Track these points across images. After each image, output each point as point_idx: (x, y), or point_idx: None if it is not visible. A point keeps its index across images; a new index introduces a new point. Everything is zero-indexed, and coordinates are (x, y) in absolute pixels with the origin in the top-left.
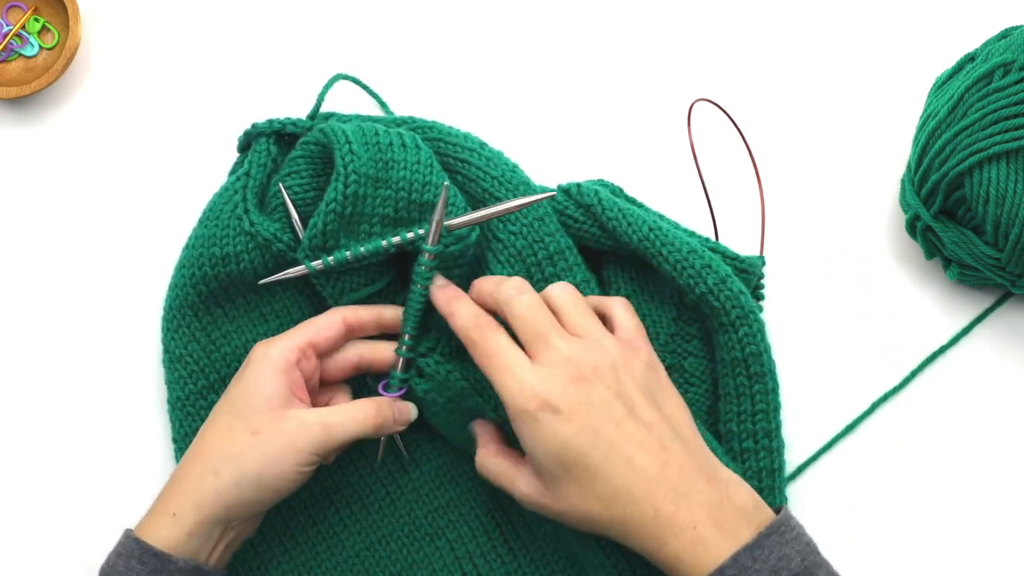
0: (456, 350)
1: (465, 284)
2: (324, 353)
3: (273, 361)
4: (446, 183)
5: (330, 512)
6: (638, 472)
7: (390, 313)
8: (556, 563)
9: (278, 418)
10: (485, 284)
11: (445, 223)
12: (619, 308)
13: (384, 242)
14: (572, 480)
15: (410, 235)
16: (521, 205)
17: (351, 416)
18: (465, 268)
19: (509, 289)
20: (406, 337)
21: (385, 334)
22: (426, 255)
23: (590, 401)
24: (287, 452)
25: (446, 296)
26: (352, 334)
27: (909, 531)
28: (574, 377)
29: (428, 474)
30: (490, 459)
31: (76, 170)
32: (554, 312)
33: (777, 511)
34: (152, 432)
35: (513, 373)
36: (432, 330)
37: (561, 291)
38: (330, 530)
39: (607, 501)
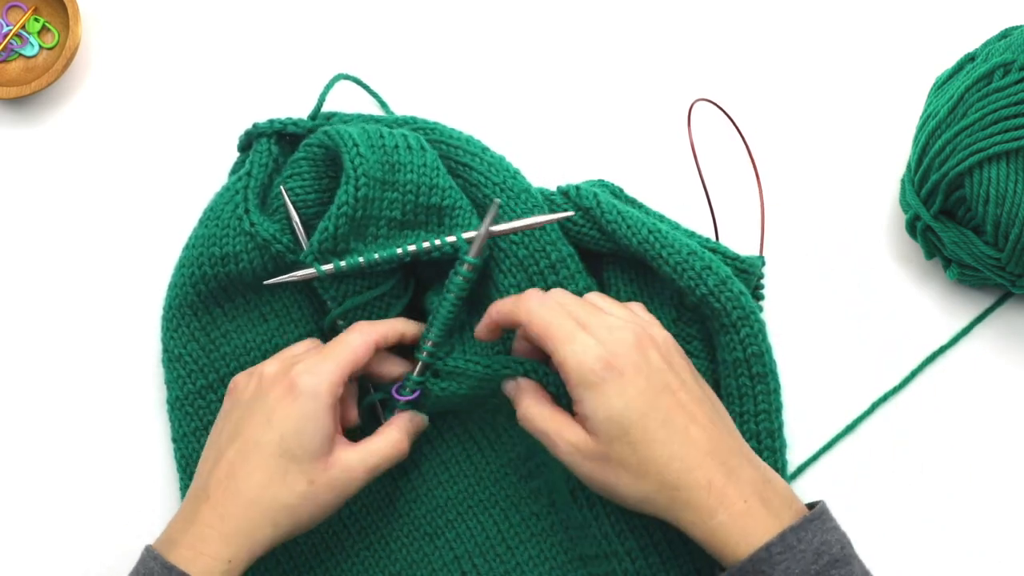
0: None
1: (471, 291)
2: (355, 377)
3: (324, 400)
4: (496, 200)
5: None
6: (693, 442)
7: (412, 331)
8: (555, 559)
9: (329, 466)
10: (503, 303)
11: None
12: (640, 310)
13: (399, 250)
14: (628, 443)
15: (426, 245)
16: (549, 220)
17: (386, 454)
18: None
19: (522, 305)
20: (429, 343)
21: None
22: (465, 266)
23: (649, 364)
24: (338, 501)
25: (486, 315)
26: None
27: (909, 531)
28: (631, 342)
29: (427, 474)
30: (538, 407)
31: (76, 170)
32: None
33: (811, 506)
34: (152, 432)
35: (574, 339)
36: (451, 340)
37: (591, 293)
38: (329, 530)
39: (664, 465)
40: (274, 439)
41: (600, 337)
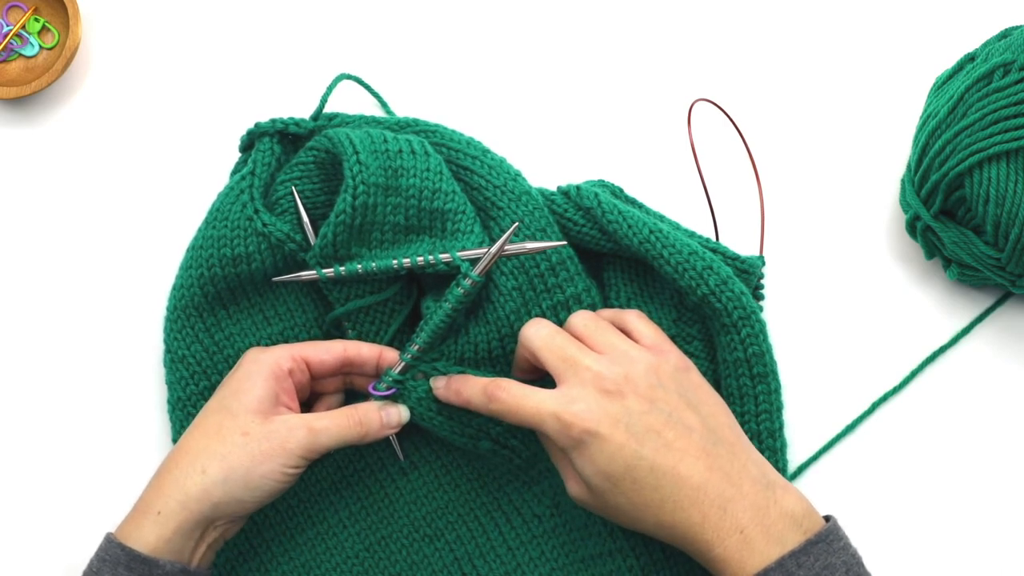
0: (460, 363)
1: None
2: (316, 374)
3: (265, 366)
4: (516, 223)
5: (329, 513)
6: (683, 479)
7: (391, 355)
8: (556, 560)
9: (267, 421)
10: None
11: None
12: (635, 319)
13: (395, 262)
14: (620, 492)
15: (420, 260)
16: (554, 246)
17: (336, 422)
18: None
19: (526, 329)
20: (415, 347)
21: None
22: (468, 281)
23: (628, 413)
24: (276, 453)
25: (451, 390)
26: (349, 367)
27: (909, 531)
28: (608, 392)
29: (427, 476)
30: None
31: (76, 170)
32: (577, 339)
33: (827, 519)
34: (152, 432)
35: (547, 410)
36: (440, 346)
37: (580, 318)
38: (330, 531)
39: (655, 509)
40: (216, 400)
41: (572, 391)
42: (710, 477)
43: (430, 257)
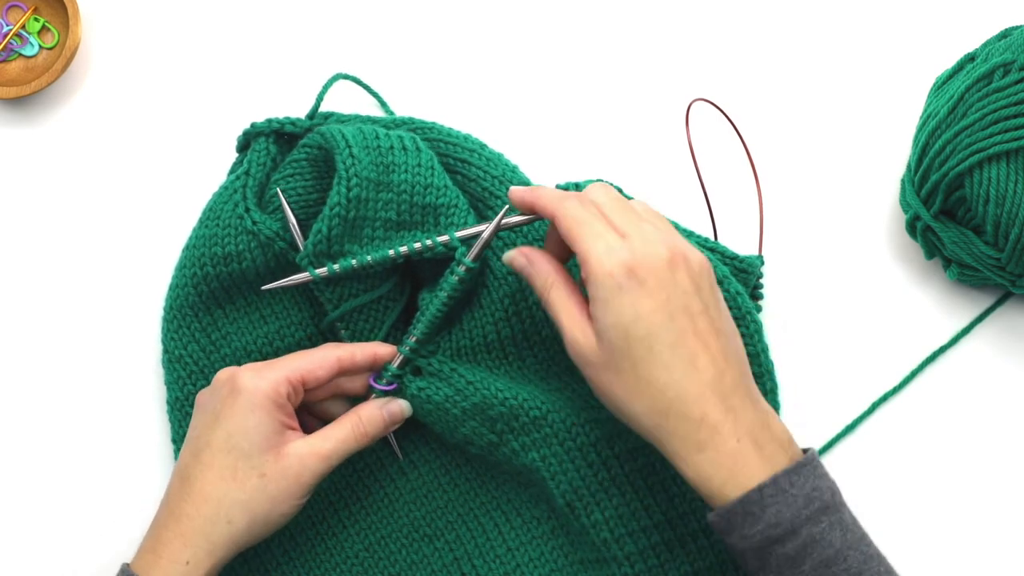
0: (457, 354)
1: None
2: (311, 389)
3: (266, 397)
4: (508, 206)
5: (329, 513)
6: (697, 371)
7: (385, 352)
8: (555, 562)
9: (280, 457)
10: (543, 190)
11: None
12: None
13: (392, 251)
14: (631, 358)
15: (417, 245)
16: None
17: (342, 439)
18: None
19: (571, 194)
20: (412, 339)
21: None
22: (462, 267)
23: (675, 284)
24: (293, 489)
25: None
26: (343, 373)
27: (909, 531)
28: (664, 256)
29: (427, 475)
30: (561, 295)
31: (76, 170)
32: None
33: (805, 451)
34: (152, 432)
35: (604, 238)
36: (436, 337)
37: (636, 201)
38: (329, 531)
39: (659, 390)
40: (221, 436)
41: (632, 244)
42: (721, 380)
43: (428, 241)
